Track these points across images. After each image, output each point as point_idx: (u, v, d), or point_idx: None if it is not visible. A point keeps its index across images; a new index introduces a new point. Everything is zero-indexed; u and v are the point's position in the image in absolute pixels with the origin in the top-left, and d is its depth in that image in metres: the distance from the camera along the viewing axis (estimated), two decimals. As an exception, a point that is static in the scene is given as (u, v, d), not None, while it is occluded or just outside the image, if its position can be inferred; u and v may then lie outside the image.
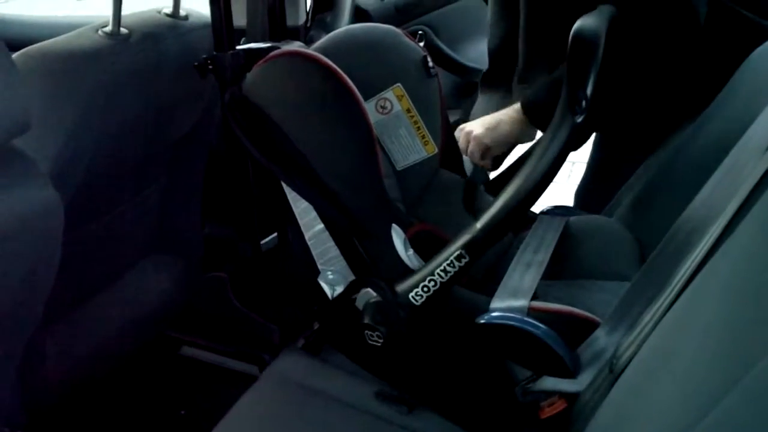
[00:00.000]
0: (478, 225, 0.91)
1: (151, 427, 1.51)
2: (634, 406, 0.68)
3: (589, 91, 0.85)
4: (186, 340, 1.65)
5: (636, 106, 1.27)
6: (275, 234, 1.56)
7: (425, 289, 0.94)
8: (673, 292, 0.73)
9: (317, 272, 1.06)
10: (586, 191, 1.57)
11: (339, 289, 1.04)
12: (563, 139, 0.84)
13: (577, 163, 1.09)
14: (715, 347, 0.56)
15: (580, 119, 0.86)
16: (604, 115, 0.90)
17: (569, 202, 1.50)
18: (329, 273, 1.05)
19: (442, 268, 0.93)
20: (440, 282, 0.94)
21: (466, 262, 0.92)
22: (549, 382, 0.91)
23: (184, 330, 1.63)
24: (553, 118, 0.87)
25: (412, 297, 0.96)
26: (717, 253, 0.67)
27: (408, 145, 1.23)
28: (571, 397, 0.89)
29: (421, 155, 1.24)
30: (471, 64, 2.18)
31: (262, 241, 1.55)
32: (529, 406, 0.94)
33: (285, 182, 1.03)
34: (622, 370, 0.77)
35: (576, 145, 1.00)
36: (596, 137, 1.54)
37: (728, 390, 0.48)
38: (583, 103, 0.85)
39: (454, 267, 0.92)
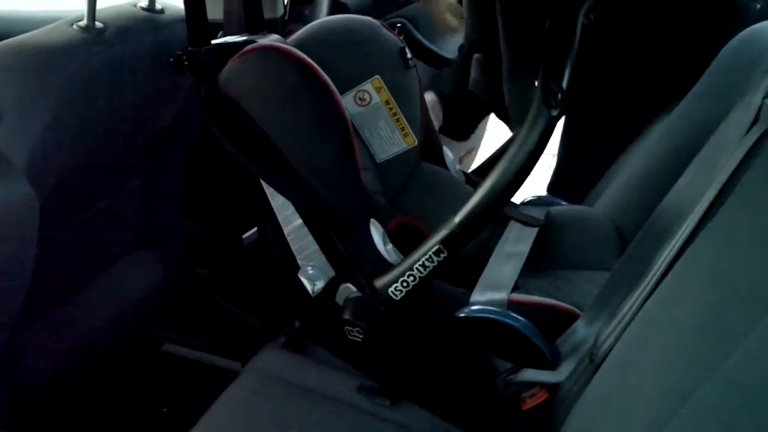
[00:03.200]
0: (456, 219, 0.91)
1: (134, 424, 1.50)
2: (615, 394, 0.68)
3: (564, 83, 0.85)
4: (168, 336, 1.64)
5: (608, 96, 1.28)
6: (256, 229, 1.55)
7: (404, 284, 0.94)
8: (653, 281, 0.73)
9: (297, 267, 1.06)
10: (556, 184, 1.57)
11: (319, 284, 1.04)
12: (540, 132, 0.84)
13: (556, 156, 1.09)
14: (694, 334, 0.57)
15: (556, 112, 0.85)
16: (578, 106, 0.90)
17: (549, 193, 1.50)
18: (309, 268, 1.05)
19: (420, 263, 0.93)
20: (419, 277, 0.94)
21: (444, 257, 0.92)
22: (530, 374, 0.91)
23: (166, 327, 1.62)
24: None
25: (392, 292, 0.96)
26: (695, 241, 0.68)
27: (387, 137, 1.23)
28: (552, 388, 0.90)
29: (401, 147, 1.24)
30: (450, 56, 2.18)
31: (244, 236, 1.55)
32: (511, 397, 0.94)
33: (261, 178, 1.03)
34: (603, 360, 0.78)
35: None
36: (564, 128, 1.54)
37: (708, 376, 0.49)
38: (559, 96, 0.84)
39: (432, 262, 0.92)
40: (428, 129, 1.29)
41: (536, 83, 1.27)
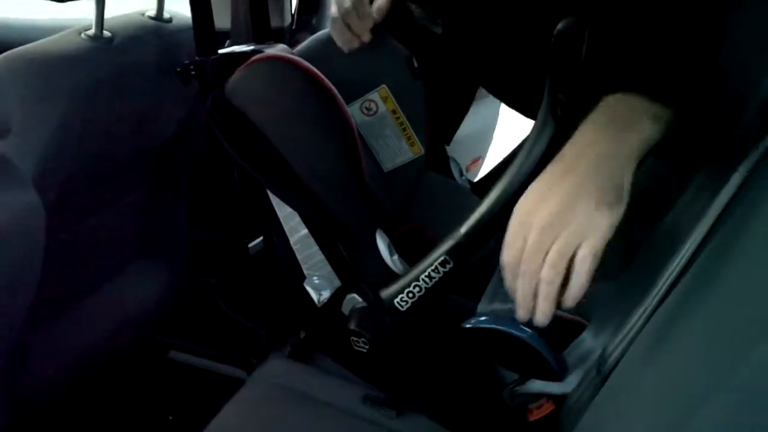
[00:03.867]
0: (462, 230, 0.90)
1: (139, 431, 1.50)
2: (623, 406, 0.68)
3: (570, 93, 0.84)
4: (174, 344, 1.64)
5: None
6: (262, 237, 1.55)
7: (410, 294, 0.93)
8: (661, 291, 0.73)
9: (303, 277, 1.05)
10: None
11: (325, 294, 1.03)
12: (546, 142, 0.83)
13: None
14: (703, 346, 0.56)
15: (561, 124, 0.84)
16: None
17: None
18: (315, 278, 1.04)
19: (426, 274, 0.92)
20: (425, 288, 0.92)
21: (450, 268, 0.91)
22: (536, 385, 0.91)
23: (171, 334, 1.63)
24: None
25: (397, 303, 0.95)
26: (705, 250, 0.67)
27: (394, 147, 1.23)
28: (559, 399, 0.89)
29: (407, 156, 1.24)
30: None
31: (250, 245, 1.55)
32: (517, 408, 0.93)
33: (266, 187, 1.02)
34: (610, 371, 0.77)
35: None
36: None
37: (717, 389, 0.48)
38: (566, 105, 0.83)
39: (438, 273, 0.91)
40: (435, 138, 1.29)
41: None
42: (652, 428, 0.56)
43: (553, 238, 0.71)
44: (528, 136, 0.86)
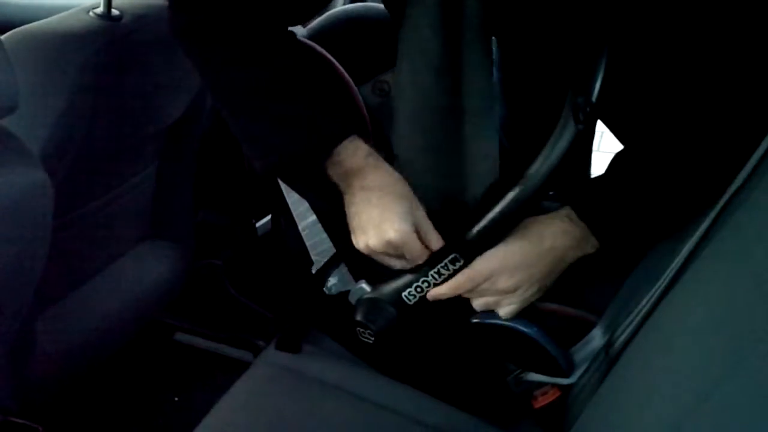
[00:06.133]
0: (474, 229, 0.88)
1: (145, 413, 1.51)
2: (631, 393, 0.68)
3: (593, 98, 0.82)
4: (180, 326, 1.64)
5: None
6: (270, 216, 1.54)
7: (418, 289, 0.91)
8: (670, 277, 0.72)
9: (311, 262, 1.04)
10: None
11: (333, 281, 1.02)
12: (565, 147, 0.81)
13: (606, 133, 1.02)
14: (713, 331, 0.56)
15: (582, 127, 0.83)
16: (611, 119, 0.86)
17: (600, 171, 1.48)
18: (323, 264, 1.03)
19: (436, 270, 0.89)
20: (434, 284, 0.91)
21: (461, 266, 0.89)
22: (541, 375, 0.91)
23: (178, 316, 1.63)
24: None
25: (405, 296, 0.93)
26: (714, 238, 0.67)
27: (405, 129, 1.22)
28: (565, 386, 0.89)
29: None
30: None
31: (258, 224, 1.54)
32: (523, 395, 0.93)
33: (275, 175, 1.01)
34: (618, 357, 0.77)
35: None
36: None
37: (727, 375, 0.48)
38: (587, 109, 0.81)
39: (448, 270, 0.89)
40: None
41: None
42: (662, 414, 0.56)
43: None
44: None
